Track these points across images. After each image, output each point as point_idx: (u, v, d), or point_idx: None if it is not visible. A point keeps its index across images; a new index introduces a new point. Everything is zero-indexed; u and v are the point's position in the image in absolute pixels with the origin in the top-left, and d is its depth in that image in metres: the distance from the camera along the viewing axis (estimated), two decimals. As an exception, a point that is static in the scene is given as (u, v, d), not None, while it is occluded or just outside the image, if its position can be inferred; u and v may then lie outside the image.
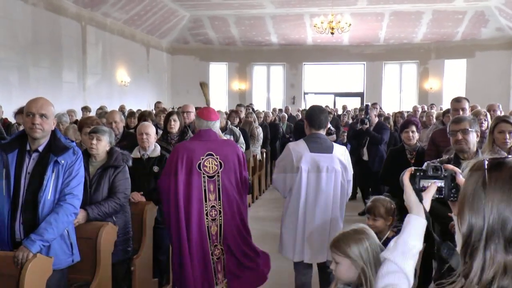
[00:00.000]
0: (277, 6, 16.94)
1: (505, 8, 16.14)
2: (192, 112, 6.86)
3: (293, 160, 4.00)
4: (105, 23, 15.01)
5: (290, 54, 20.21)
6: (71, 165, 3.30)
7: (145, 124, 5.02)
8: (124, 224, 4.10)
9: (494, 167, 1.16)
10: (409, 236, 1.54)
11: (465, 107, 5.19)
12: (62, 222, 3.21)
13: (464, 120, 3.70)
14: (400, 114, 10.79)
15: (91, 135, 4.06)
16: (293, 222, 4.07)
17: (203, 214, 3.88)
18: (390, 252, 1.56)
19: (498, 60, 18.16)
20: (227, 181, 3.95)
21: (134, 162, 4.55)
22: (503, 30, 17.70)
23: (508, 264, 1.10)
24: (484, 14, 17.06)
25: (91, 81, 14.24)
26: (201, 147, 3.94)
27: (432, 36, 18.63)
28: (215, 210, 3.94)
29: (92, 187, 3.95)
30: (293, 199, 4.06)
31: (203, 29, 19.28)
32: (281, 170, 4.12)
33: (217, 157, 3.94)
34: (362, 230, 2.34)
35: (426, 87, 19.34)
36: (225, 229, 3.94)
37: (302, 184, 3.99)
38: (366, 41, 19.41)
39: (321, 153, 4.03)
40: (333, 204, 4.06)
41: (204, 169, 3.91)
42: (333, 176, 4.03)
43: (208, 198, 3.91)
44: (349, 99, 19.88)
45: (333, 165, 4.02)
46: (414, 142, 5.36)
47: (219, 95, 20.98)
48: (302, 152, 4.01)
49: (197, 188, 3.87)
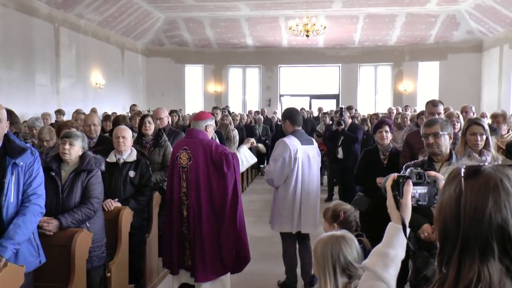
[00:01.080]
0: (252, 9, 16.96)
1: (474, 12, 16.50)
2: (164, 118, 6.74)
3: (291, 152, 4.87)
4: (79, 25, 14.78)
5: (266, 56, 20.26)
6: (30, 165, 3.26)
7: (121, 128, 4.99)
8: (98, 230, 4.06)
9: (470, 175, 1.16)
10: (389, 245, 1.53)
11: (440, 111, 5.24)
12: (30, 223, 3.19)
13: (436, 123, 3.67)
14: (376, 116, 10.92)
15: (64, 140, 4.02)
16: (291, 202, 4.97)
17: (178, 197, 4.66)
18: (370, 261, 1.55)
19: (469, 63, 18.58)
20: (194, 172, 4.58)
21: (109, 167, 4.54)
22: (473, 33, 18.08)
23: (482, 273, 1.09)
24: (455, 18, 17.42)
25: (65, 84, 13.99)
26: (182, 143, 4.76)
27: (406, 38, 18.92)
28: (185, 196, 4.65)
29: (65, 192, 3.91)
30: (290, 184, 4.96)
31: (178, 31, 19.19)
32: (280, 162, 4.89)
33: (189, 151, 4.63)
34: (333, 236, 2.37)
35: (401, 89, 19.62)
36: (191, 214, 4.60)
37: (299, 171, 4.95)
38: (341, 43, 19.58)
39: (308, 145, 5.08)
40: (316, 183, 5.15)
41: (180, 160, 4.66)
42: (316, 162, 5.14)
43: (182, 185, 4.66)
44: (325, 101, 20.00)
45: (315, 154, 5.15)
46: (387, 143, 5.36)
47: (195, 97, 20.93)
48: (297, 145, 4.93)
49: (175, 176, 4.69)
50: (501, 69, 16.70)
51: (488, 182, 1.12)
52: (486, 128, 4.07)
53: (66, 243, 3.63)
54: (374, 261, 1.55)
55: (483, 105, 17.42)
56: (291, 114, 5.10)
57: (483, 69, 18.46)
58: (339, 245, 2.30)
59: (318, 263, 2.32)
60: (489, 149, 4.03)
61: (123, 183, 4.68)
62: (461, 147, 4.08)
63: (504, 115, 6.30)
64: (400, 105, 15.16)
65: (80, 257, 3.68)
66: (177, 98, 19.79)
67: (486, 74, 18.16)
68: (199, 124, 4.72)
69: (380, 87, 20.34)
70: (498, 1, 14.70)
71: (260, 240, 7.08)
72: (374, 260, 1.55)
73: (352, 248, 2.32)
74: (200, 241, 4.55)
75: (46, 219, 3.63)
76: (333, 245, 2.30)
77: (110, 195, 4.49)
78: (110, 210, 4.39)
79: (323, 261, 2.29)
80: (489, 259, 1.09)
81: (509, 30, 15.95)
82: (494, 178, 1.13)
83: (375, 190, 5.09)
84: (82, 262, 3.72)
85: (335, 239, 2.34)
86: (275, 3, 16.17)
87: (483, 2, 15.40)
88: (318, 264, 2.32)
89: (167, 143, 5.74)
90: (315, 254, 2.35)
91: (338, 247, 2.30)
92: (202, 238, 4.54)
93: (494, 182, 1.12)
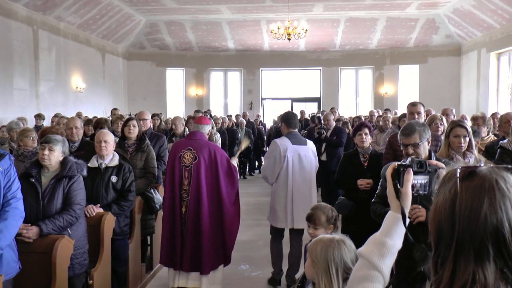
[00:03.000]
0: (233, 12, 16.93)
1: (453, 16, 16.73)
2: (148, 119, 6.74)
3: (281, 151, 5.32)
4: (59, 27, 14.56)
5: (247, 59, 20.24)
6: (8, 170, 3.25)
7: (103, 132, 4.93)
8: (80, 236, 3.99)
9: (466, 176, 1.15)
10: (387, 234, 1.50)
11: (420, 111, 5.34)
12: (12, 227, 3.18)
13: (414, 133, 3.57)
14: (358, 119, 10.97)
15: (43, 145, 3.94)
16: (283, 198, 5.34)
17: (178, 194, 4.93)
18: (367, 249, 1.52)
19: (449, 66, 18.82)
20: (198, 171, 4.90)
21: (91, 172, 4.48)
22: (452, 37, 18.33)
23: (477, 275, 1.08)
24: (434, 22, 17.64)
25: (44, 87, 13.74)
26: (185, 143, 5.07)
27: (387, 42, 19.08)
28: (186, 193, 4.93)
29: (45, 199, 3.84)
30: (282, 182, 5.35)
31: (159, 34, 19.07)
32: (272, 161, 5.37)
33: (194, 152, 4.94)
34: (334, 240, 2.36)
35: (382, 92, 19.76)
36: (189, 210, 4.90)
37: (289, 168, 5.33)
38: (322, 47, 19.67)
39: (300, 145, 5.44)
40: (311, 181, 5.46)
41: (183, 159, 4.95)
42: (310, 161, 5.46)
43: (183, 182, 4.94)
44: (307, 104, 20.09)
45: (308, 153, 5.47)
46: (367, 145, 5.36)
47: (176, 101, 20.81)
48: (287, 145, 5.37)
49: (177, 174, 4.95)
50: (479, 72, 16.93)
51: (483, 183, 1.12)
52: (469, 130, 4.11)
53: (46, 250, 3.56)
54: (370, 249, 1.52)
55: (463, 108, 17.65)
56: (287, 117, 5.59)
57: (462, 72, 18.70)
58: (340, 249, 2.30)
59: (317, 265, 2.30)
60: (472, 151, 4.06)
61: (105, 188, 4.62)
62: (444, 150, 4.11)
63: (484, 117, 6.40)
64: (381, 108, 15.25)
65: (62, 265, 3.61)
66: (158, 102, 19.65)
67: (465, 77, 18.40)
68: (204, 128, 5.13)
69: (361, 90, 20.45)
70: (476, 6, 14.92)
71: (245, 243, 7.10)
72: (371, 248, 1.52)
73: (352, 253, 2.31)
74: (201, 234, 4.85)
75: (25, 226, 3.56)
76: (335, 249, 2.30)
77: (92, 201, 4.46)
78: (92, 216, 4.32)
79: (325, 265, 2.27)
80: (484, 261, 1.09)
81: (486, 34, 16.19)
82: (489, 179, 1.12)
83: (356, 193, 5.16)
84: (63, 269, 3.65)
85: (337, 243, 2.33)
86: (257, 6, 16.17)
87: (462, 7, 15.62)
88: (316, 266, 2.30)
89: (149, 147, 5.69)
90: (313, 256, 2.33)
91: (339, 251, 2.29)
92: (202, 232, 4.85)
93: (490, 183, 1.11)
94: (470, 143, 4.06)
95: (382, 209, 3.65)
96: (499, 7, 14.05)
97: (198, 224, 4.85)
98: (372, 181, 5.06)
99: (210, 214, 4.89)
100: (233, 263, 5.40)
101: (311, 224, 3.50)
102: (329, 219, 3.47)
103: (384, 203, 3.70)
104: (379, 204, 3.74)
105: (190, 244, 4.86)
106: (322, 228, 3.43)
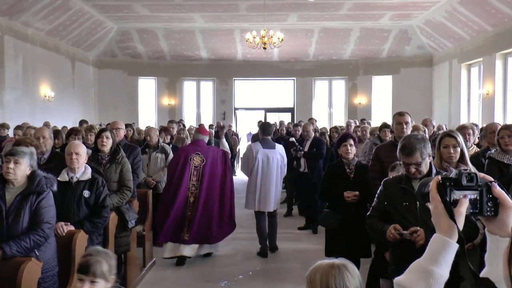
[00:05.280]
0: (207, 20, 16.76)
1: (425, 27, 16.94)
2: (121, 129, 6.54)
3: (253, 153, 7.02)
4: (26, 34, 14.03)
5: (220, 69, 20.02)
6: None
7: (75, 143, 4.65)
8: (49, 258, 3.70)
9: None
10: (434, 261, 1.27)
11: (408, 121, 5.24)
12: None
13: (415, 152, 3.38)
14: (335, 129, 10.85)
15: (8, 158, 3.65)
16: (254, 188, 7.02)
17: (186, 188, 6.51)
18: (409, 279, 1.29)
19: (421, 76, 18.96)
20: (204, 171, 6.57)
21: (61, 186, 4.19)
22: (424, 48, 18.53)
23: None
24: (407, 33, 17.81)
25: (10, 96, 13.15)
26: (193, 149, 6.71)
27: (360, 52, 19.14)
28: (194, 187, 6.54)
29: (10, 218, 3.53)
30: (254, 175, 7.03)
31: (131, 42, 18.70)
32: (246, 159, 7.19)
33: (202, 156, 6.62)
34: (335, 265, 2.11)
35: (355, 102, 19.79)
36: (198, 201, 6.51)
37: (259, 166, 6.98)
38: (295, 57, 19.62)
39: (269, 148, 7.07)
40: (276, 176, 7.08)
41: (193, 161, 6.56)
42: (276, 161, 7.06)
43: (191, 179, 6.55)
44: (280, 115, 19.99)
45: (276, 156, 7.08)
46: (351, 157, 5.29)
47: (148, 111, 20.41)
48: (259, 148, 7.05)
49: (187, 172, 6.51)
50: (451, 83, 17.12)
51: None
52: (459, 140, 3.99)
53: (10, 275, 3.23)
54: (414, 279, 1.28)
55: (435, 118, 17.71)
56: (263, 126, 7.44)
57: (434, 83, 18.89)
58: (342, 276, 2.06)
59: None
60: (466, 162, 3.97)
61: (77, 204, 4.35)
62: (437, 161, 4.01)
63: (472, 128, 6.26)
64: (355, 118, 15.24)
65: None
66: (130, 112, 19.18)
67: (437, 88, 18.58)
68: (205, 137, 6.94)
69: (335, 100, 20.42)
70: (447, 18, 15.13)
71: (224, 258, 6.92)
72: (414, 278, 1.28)
73: (356, 279, 2.08)
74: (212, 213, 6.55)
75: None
76: (337, 277, 2.05)
77: (62, 218, 4.13)
78: (63, 235, 4.02)
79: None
80: None
81: (457, 45, 16.40)
82: None
83: (342, 205, 5.08)
84: (30, 295, 3.33)
85: (338, 269, 2.08)
86: (231, 15, 16.03)
87: (434, 18, 15.81)
88: None
89: (124, 159, 5.43)
90: (311, 283, 2.08)
91: (342, 278, 2.05)
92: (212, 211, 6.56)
93: None
94: (462, 154, 3.96)
95: (380, 224, 3.52)
96: (469, 19, 14.26)
97: (208, 206, 6.53)
98: (358, 193, 5.03)
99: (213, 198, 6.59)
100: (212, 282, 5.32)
101: (85, 276, 2.60)
102: (111, 268, 2.69)
103: (381, 216, 3.59)
104: (376, 218, 3.62)
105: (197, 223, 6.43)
106: (102, 280, 2.62)
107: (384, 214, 3.58)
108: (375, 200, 3.74)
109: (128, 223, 5.26)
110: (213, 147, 7.15)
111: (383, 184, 3.68)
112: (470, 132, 5.62)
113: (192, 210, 6.45)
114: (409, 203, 3.41)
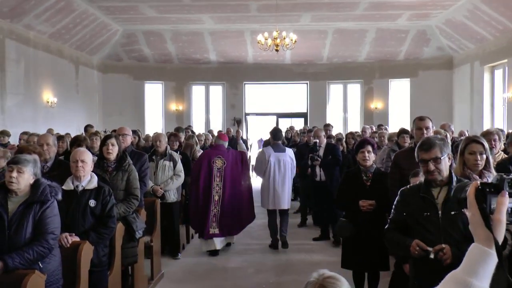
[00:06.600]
0: (216, 22, 16.27)
1: (445, 27, 16.33)
2: (128, 135, 6.34)
3: (266, 157, 7.77)
4: (28, 37, 13.60)
5: (230, 72, 19.44)
6: None
7: (80, 150, 4.53)
8: (53, 270, 3.64)
9: None
10: (473, 273, 1.23)
11: (429, 125, 5.10)
12: None
13: (434, 147, 3.28)
14: (352, 135, 10.24)
15: (11, 167, 3.61)
16: (267, 189, 7.73)
17: (212, 188, 7.38)
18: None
19: (440, 79, 18.31)
20: (226, 172, 7.41)
21: (66, 195, 4.11)
22: (443, 49, 17.84)
23: None
24: (426, 33, 17.22)
25: (11, 102, 12.73)
26: (215, 152, 7.57)
27: (376, 55, 18.52)
28: (218, 187, 7.39)
29: (12, 228, 3.48)
30: (267, 177, 7.73)
31: (137, 45, 18.20)
32: (259, 162, 7.90)
33: (223, 159, 7.45)
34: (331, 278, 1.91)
35: (371, 107, 19.14)
36: (222, 198, 7.39)
37: (271, 169, 7.70)
38: (308, 59, 18.98)
39: (280, 152, 7.83)
40: (287, 178, 7.79)
41: (215, 164, 7.41)
42: (287, 164, 7.79)
43: (215, 180, 7.40)
44: (293, 120, 19.37)
45: (286, 158, 7.81)
46: (370, 164, 5.11)
47: (155, 116, 19.90)
48: (271, 152, 7.81)
49: (211, 173, 7.38)
50: (473, 86, 16.47)
51: None
52: (486, 147, 3.82)
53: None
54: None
55: (456, 123, 17.02)
56: (274, 132, 8.05)
57: (454, 86, 18.22)
58: None
59: None
60: (490, 169, 3.75)
61: (82, 213, 4.28)
62: (459, 168, 3.79)
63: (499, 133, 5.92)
64: (371, 124, 14.86)
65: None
66: (136, 118, 18.62)
67: (458, 92, 17.90)
68: (225, 143, 7.74)
69: (350, 105, 19.80)
70: (468, 17, 14.55)
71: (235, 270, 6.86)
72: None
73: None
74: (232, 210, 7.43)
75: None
76: None
77: (67, 228, 4.06)
78: (67, 246, 3.95)
79: None
80: None
81: (479, 46, 15.75)
82: None
83: (358, 215, 4.95)
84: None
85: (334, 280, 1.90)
86: (241, 16, 15.50)
87: (454, 18, 15.22)
88: None
89: (131, 166, 5.27)
90: None
91: None
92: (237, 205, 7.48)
93: None
94: (487, 161, 3.77)
95: (402, 238, 3.33)
96: (492, 18, 13.68)
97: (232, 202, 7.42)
98: (374, 202, 4.90)
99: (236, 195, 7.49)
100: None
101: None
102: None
103: (400, 228, 3.41)
104: (395, 232, 3.43)
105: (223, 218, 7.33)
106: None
107: (404, 226, 3.42)
108: (392, 212, 3.58)
109: (136, 233, 5.13)
110: (232, 150, 7.94)
111: (400, 193, 3.53)
112: (496, 138, 5.38)
113: (218, 207, 7.40)
114: (430, 213, 3.24)
